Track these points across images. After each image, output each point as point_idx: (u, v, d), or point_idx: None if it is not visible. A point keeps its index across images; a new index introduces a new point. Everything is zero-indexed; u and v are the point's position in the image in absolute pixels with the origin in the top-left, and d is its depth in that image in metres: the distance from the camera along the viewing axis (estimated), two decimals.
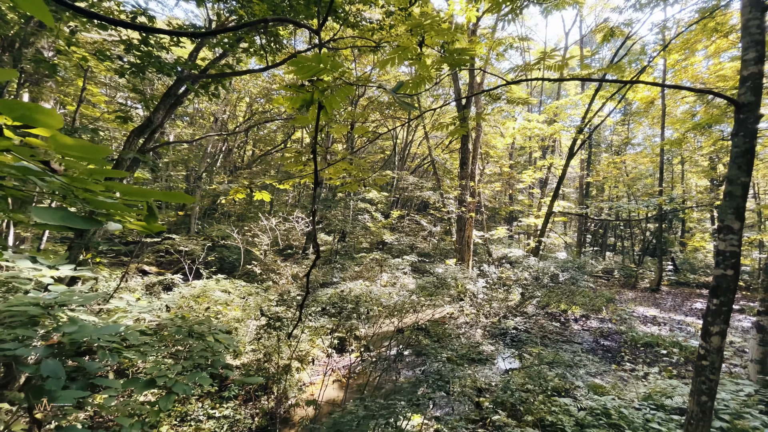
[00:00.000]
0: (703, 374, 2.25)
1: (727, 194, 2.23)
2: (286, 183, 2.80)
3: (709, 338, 2.24)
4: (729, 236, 2.21)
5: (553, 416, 4.22)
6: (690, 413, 2.30)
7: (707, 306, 2.28)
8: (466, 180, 11.98)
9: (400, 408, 2.78)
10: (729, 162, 2.25)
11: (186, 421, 4.15)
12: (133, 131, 4.72)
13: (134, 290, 7.61)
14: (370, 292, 6.36)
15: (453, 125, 2.71)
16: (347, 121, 3.69)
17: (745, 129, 2.17)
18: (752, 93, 2.19)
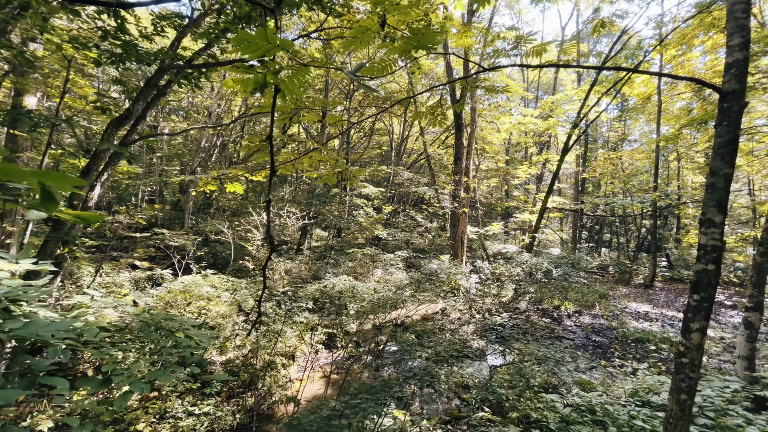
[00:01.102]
0: (682, 372, 2.19)
1: (709, 186, 2.15)
2: (258, 174, 2.70)
3: (689, 335, 2.17)
4: (711, 230, 2.13)
5: (538, 413, 4.17)
6: (669, 412, 2.24)
7: (688, 302, 2.21)
8: (459, 175, 11.89)
9: (372, 407, 2.71)
10: (712, 152, 2.17)
11: (165, 419, 4.07)
12: (111, 122, 4.59)
13: (121, 285, 7.51)
14: (353, 288, 6.28)
15: (431, 114, 2.61)
16: (318, 109, 3.57)
17: (729, 118, 2.09)
18: (737, 80, 2.10)
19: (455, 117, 12.23)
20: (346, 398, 3.19)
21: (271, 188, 1.65)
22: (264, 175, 2.72)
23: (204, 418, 4.16)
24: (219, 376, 2.36)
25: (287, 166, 2.78)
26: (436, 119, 2.81)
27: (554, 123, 12.66)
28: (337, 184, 3.36)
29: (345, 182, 3.22)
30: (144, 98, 4.81)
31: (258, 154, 2.50)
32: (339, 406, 2.94)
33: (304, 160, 2.70)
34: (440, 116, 2.77)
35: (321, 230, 21.61)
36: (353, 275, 12.81)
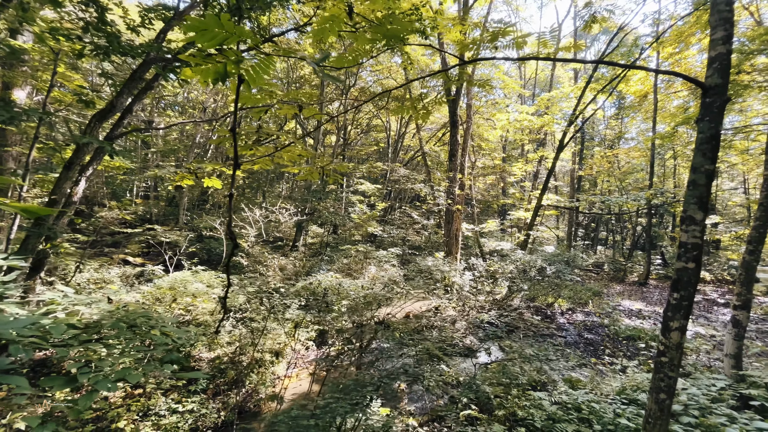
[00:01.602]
0: (662, 371, 2.16)
1: (690, 183, 2.11)
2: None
3: (669, 334, 2.14)
4: (691, 227, 2.10)
5: (525, 411, 4.16)
6: (649, 411, 2.21)
7: (668, 300, 2.18)
8: (454, 172, 11.84)
9: (342, 407, 2.67)
10: (694, 149, 2.13)
11: (148, 416, 4.03)
12: (94, 116, 4.51)
13: (110, 281, 7.45)
14: (340, 285, 6.24)
15: (414, 109, 2.56)
16: (295, 102, 3.51)
17: (711, 113, 2.04)
18: (719, 75, 2.05)
19: (450, 113, 12.16)
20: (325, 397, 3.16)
21: (234, 182, 1.60)
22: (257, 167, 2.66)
23: (188, 416, 4.13)
24: (194, 374, 2.32)
25: (265, 162, 2.72)
26: (419, 114, 2.75)
27: (549, 120, 12.61)
28: (321, 179, 3.29)
29: (327, 177, 3.16)
30: (128, 91, 4.73)
31: (240, 149, 2.44)
32: (315, 405, 2.91)
33: (283, 155, 2.64)
34: (423, 111, 2.72)
35: (318, 227, 21.57)
36: (347, 272, 12.78)
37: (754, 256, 4.34)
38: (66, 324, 2.16)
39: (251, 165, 2.67)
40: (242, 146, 2.28)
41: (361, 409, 2.80)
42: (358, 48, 1.68)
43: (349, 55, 1.70)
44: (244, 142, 2.20)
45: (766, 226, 4.40)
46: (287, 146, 2.37)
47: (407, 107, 2.63)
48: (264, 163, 2.73)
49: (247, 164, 2.53)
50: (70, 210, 5.00)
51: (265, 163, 2.73)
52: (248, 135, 2.13)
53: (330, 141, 25.37)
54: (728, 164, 19.04)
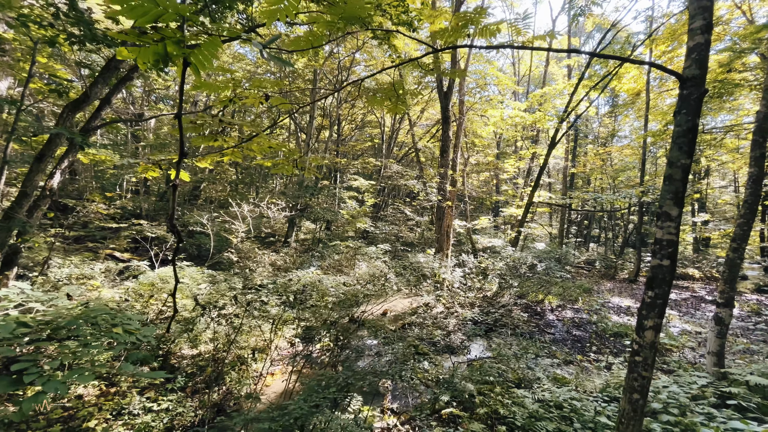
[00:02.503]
0: (635, 371, 2.11)
1: (666, 178, 2.05)
2: (203, 161, 2.54)
3: (643, 333, 2.09)
4: (666, 224, 2.04)
5: (506, 409, 4.12)
6: (622, 411, 2.17)
7: (642, 298, 2.13)
8: (445, 168, 11.77)
9: (299, 410, 2.60)
10: (670, 142, 2.07)
11: (121, 415, 3.93)
12: (66, 106, 4.36)
13: (92, 277, 7.29)
14: (319, 282, 6.15)
15: (389, 100, 2.46)
16: (261, 90, 3.37)
17: (688, 106, 1.97)
18: (697, 66, 1.98)
19: (442, 109, 12.07)
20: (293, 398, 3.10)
21: (179, 172, 1.50)
22: (210, 161, 2.55)
23: (163, 415, 4.03)
24: (154, 374, 2.23)
25: (236, 154, 2.62)
26: (394, 106, 2.66)
27: (541, 116, 12.56)
28: (298, 172, 3.20)
29: (303, 171, 3.07)
30: (104, 81, 4.58)
31: (201, 139, 2.30)
32: (274, 407, 2.85)
33: (252, 147, 2.54)
34: (399, 102, 2.63)
35: (311, 223, 21.43)
36: (338, 268, 12.70)
37: (738, 253, 4.33)
38: (16, 322, 2.05)
39: (219, 157, 2.57)
40: (204, 137, 2.18)
41: (321, 411, 2.73)
42: (316, 31, 1.59)
43: (304, 38, 1.62)
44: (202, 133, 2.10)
45: (750, 224, 4.38)
46: (253, 137, 2.27)
47: (381, 99, 2.54)
48: (234, 155, 2.63)
49: (214, 156, 2.43)
50: (44, 203, 4.85)
51: (235, 155, 2.63)
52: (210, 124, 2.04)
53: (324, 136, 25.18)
54: (719, 162, 19.18)
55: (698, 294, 13.67)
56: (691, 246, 23.00)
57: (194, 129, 1.98)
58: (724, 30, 14.33)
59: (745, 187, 4.33)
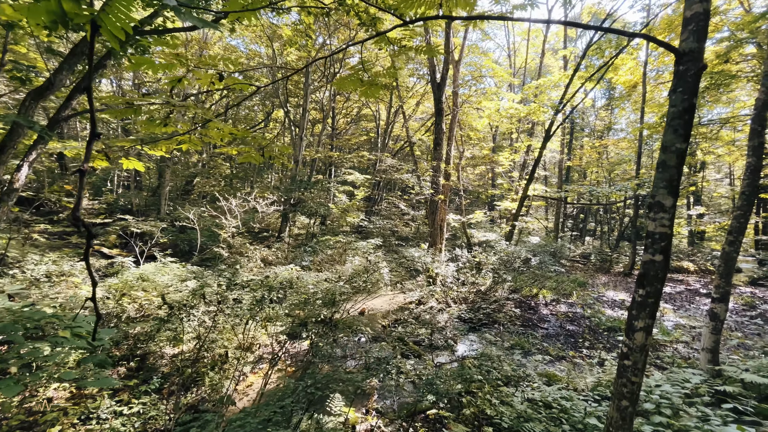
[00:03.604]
0: (624, 375, 1.94)
1: (660, 164, 1.86)
2: (157, 148, 2.33)
3: (633, 335, 1.92)
4: (660, 215, 1.85)
5: (493, 409, 3.96)
6: (610, 419, 2.00)
7: (633, 297, 1.95)
8: (438, 162, 11.56)
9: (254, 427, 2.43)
10: (665, 125, 1.88)
11: (90, 420, 3.74)
12: (29, 94, 4.10)
13: (71, 274, 7.06)
14: (299, 278, 5.96)
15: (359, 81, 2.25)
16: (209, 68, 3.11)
17: (685, 83, 1.78)
18: (695, 38, 1.78)
19: (435, 101, 11.82)
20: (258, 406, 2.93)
21: (89, 154, 1.28)
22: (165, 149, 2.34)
23: (135, 419, 3.85)
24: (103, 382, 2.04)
25: (194, 142, 2.40)
26: (369, 88, 2.44)
27: (536, 108, 12.34)
28: (261, 158, 3.01)
29: (272, 161, 2.86)
30: (69, 67, 4.31)
31: (148, 124, 2.11)
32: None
33: (211, 134, 2.33)
34: (371, 87, 2.41)
35: (306, 218, 21.20)
36: (330, 263, 12.52)
37: (734, 247, 4.17)
38: None
39: (174, 144, 2.35)
40: (152, 122, 1.97)
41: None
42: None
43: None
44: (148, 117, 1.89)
45: (747, 216, 4.22)
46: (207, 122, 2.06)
47: (353, 82, 2.32)
48: (193, 143, 2.41)
49: (167, 143, 2.21)
50: (11, 198, 4.60)
51: (194, 143, 2.41)
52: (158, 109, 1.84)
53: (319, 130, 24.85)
54: (715, 156, 19.07)
55: (693, 287, 13.62)
56: (686, 239, 22.99)
57: (130, 112, 1.76)
58: (722, 21, 14.11)
59: (743, 178, 4.16)
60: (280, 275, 6.00)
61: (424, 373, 5.09)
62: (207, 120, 2.10)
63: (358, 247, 9.72)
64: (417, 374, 5.04)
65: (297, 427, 2.65)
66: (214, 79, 1.91)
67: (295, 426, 2.69)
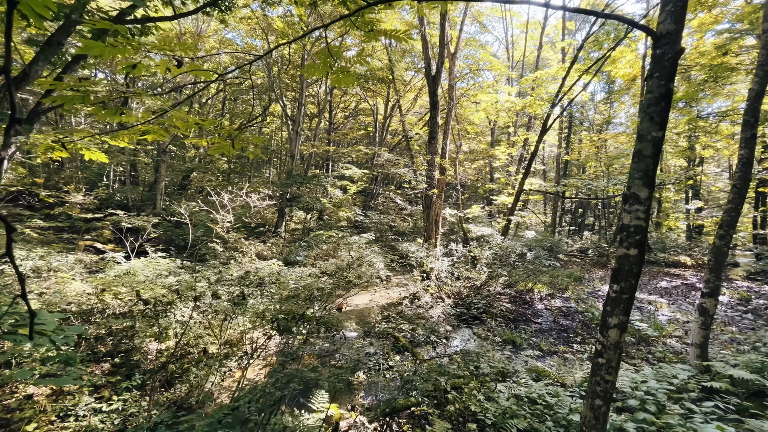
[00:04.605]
0: (598, 374, 1.87)
1: (635, 154, 1.77)
2: (119, 139, 2.24)
3: (607, 331, 1.84)
4: (635, 207, 1.77)
5: (478, 405, 3.92)
6: (583, 419, 1.94)
7: (607, 293, 1.87)
8: (433, 156, 11.45)
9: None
10: (640, 112, 1.79)
11: (68, 417, 3.69)
12: (2, 86, 4.00)
13: (58, 270, 7.00)
14: (278, 274, 5.89)
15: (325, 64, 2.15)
16: (168, 54, 2.98)
17: (662, 68, 1.68)
18: (673, 19, 1.68)
19: (430, 94, 11.68)
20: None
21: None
22: (128, 140, 2.24)
23: (114, 416, 3.80)
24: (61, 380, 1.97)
25: (160, 132, 2.31)
26: (340, 76, 2.35)
27: (532, 101, 12.20)
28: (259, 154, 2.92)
29: (246, 153, 2.77)
30: (45, 58, 4.21)
31: (97, 111, 2.03)
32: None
33: (177, 123, 2.24)
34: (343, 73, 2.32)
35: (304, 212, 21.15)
36: (324, 258, 12.47)
37: (725, 240, 4.09)
38: None
39: (137, 135, 2.26)
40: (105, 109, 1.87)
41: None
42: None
43: None
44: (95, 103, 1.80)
45: (739, 209, 4.14)
46: (164, 113, 1.97)
47: (322, 68, 2.23)
48: (157, 134, 2.32)
49: (126, 133, 2.12)
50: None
51: (158, 133, 2.32)
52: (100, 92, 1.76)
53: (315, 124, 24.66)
54: (714, 150, 18.93)
55: (689, 281, 13.57)
56: (684, 234, 22.92)
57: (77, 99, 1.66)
58: (722, 13, 13.90)
59: (735, 171, 4.07)
60: (261, 271, 5.93)
61: (412, 369, 5.04)
62: (164, 110, 2.01)
63: (350, 242, 9.64)
64: (404, 370, 4.99)
65: (264, 427, 2.60)
66: (171, 66, 1.81)
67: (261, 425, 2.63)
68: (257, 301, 4.66)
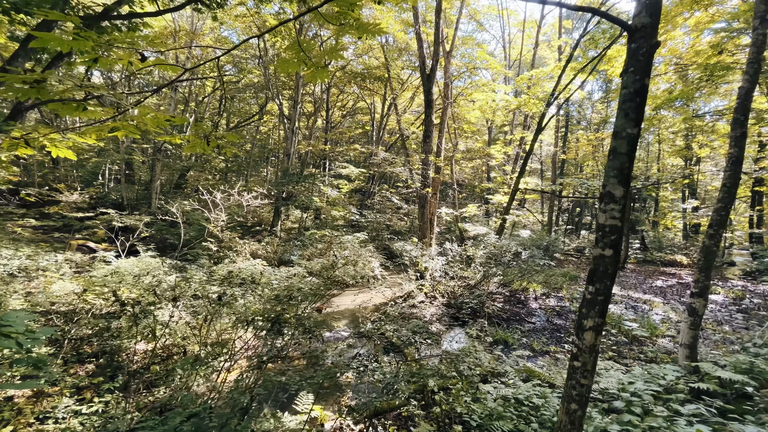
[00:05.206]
0: (574, 377, 1.83)
1: (611, 152, 1.72)
2: (87, 135, 2.17)
3: (582, 334, 1.80)
4: (610, 206, 1.72)
5: (464, 407, 3.87)
6: (559, 422, 1.89)
7: (583, 295, 1.83)
8: (427, 155, 11.39)
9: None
10: (617, 109, 1.74)
11: (47, 419, 3.64)
12: None
13: (46, 269, 6.93)
14: (261, 273, 5.83)
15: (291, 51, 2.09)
16: (127, 46, 2.90)
17: (637, 62, 1.63)
18: (648, 12, 1.62)
19: (425, 92, 11.62)
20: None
21: None
22: (95, 136, 2.18)
23: (95, 418, 3.74)
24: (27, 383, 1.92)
25: (130, 129, 2.25)
26: (315, 72, 2.29)
27: (527, 100, 12.15)
28: (207, 152, 2.87)
29: (223, 150, 2.71)
30: (25, 54, 4.14)
31: (61, 107, 1.98)
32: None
33: (146, 120, 2.18)
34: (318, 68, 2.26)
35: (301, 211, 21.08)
36: (319, 257, 12.41)
37: (714, 240, 4.05)
38: None
39: (105, 132, 2.20)
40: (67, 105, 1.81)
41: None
42: None
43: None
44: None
45: (728, 208, 4.10)
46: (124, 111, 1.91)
47: (295, 63, 2.17)
48: (128, 130, 2.26)
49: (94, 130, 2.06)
50: None
51: (129, 130, 2.26)
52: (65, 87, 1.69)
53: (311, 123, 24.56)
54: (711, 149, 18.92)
55: (685, 281, 13.56)
56: (681, 233, 22.94)
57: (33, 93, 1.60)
58: (719, 12, 13.86)
59: (724, 170, 4.03)
60: (243, 271, 5.86)
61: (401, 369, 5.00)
62: (125, 109, 1.95)
63: (343, 241, 9.58)
64: (392, 371, 4.94)
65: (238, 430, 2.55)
66: (133, 60, 1.75)
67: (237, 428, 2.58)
68: (239, 303, 4.60)
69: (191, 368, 3.93)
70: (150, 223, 12.77)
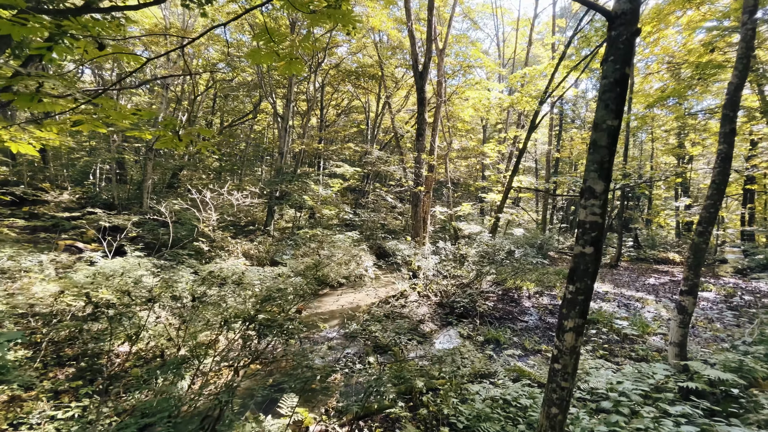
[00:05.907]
0: (554, 381, 1.76)
1: (591, 145, 1.65)
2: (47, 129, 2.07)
3: (563, 335, 1.73)
4: (590, 202, 1.65)
5: (452, 408, 3.80)
6: (539, 427, 1.83)
7: (564, 294, 1.76)
8: (420, 153, 11.32)
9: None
10: (597, 101, 1.67)
11: (21, 425, 3.52)
12: None
13: (29, 270, 6.77)
14: (243, 274, 5.73)
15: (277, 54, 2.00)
16: (92, 37, 2.85)
17: (617, 50, 1.56)
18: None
19: (417, 90, 11.54)
20: None
21: None
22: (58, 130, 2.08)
23: (71, 423, 3.63)
24: None
25: (95, 123, 2.15)
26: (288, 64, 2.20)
27: (520, 98, 12.11)
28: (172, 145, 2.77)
29: (197, 146, 2.61)
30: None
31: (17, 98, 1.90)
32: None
33: (110, 113, 2.08)
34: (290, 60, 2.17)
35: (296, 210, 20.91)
36: (312, 256, 12.31)
37: (704, 237, 4.01)
38: None
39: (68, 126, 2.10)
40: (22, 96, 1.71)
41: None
42: None
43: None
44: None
45: (717, 206, 4.06)
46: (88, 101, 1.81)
47: (267, 55, 2.08)
48: (92, 124, 2.15)
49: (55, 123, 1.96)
50: None
51: (93, 124, 2.15)
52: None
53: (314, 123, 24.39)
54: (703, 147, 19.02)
55: (677, 278, 13.61)
56: (674, 231, 23.07)
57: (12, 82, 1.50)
58: (710, 10, 13.90)
59: (713, 167, 3.99)
60: (223, 271, 5.74)
61: (387, 370, 4.92)
62: (83, 101, 1.85)
63: (334, 240, 9.48)
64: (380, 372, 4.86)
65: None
66: (88, 48, 1.65)
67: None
68: (215, 305, 4.50)
69: (170, 371, 3.83)
70: (141, 223, 12.59)
